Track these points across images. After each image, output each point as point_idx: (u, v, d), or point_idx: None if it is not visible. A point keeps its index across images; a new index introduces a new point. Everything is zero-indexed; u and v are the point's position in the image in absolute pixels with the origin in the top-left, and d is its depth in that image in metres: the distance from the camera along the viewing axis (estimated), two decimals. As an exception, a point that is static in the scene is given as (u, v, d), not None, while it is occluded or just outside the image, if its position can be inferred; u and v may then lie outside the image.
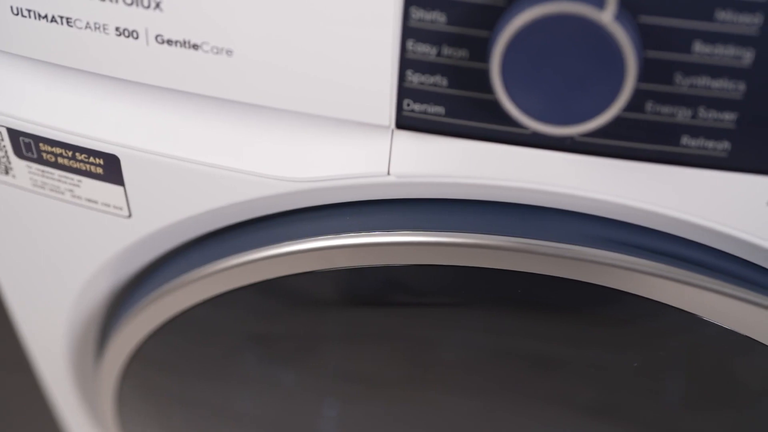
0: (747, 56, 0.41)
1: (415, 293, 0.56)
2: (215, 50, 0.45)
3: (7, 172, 0.56)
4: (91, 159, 0.52)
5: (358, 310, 0.58)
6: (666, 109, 0.43)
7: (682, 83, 0.42)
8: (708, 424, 0.61)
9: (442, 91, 0.44)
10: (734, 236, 0.46)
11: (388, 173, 0.47)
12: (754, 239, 0.46)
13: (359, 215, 0.51)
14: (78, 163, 0.53)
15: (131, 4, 0.45)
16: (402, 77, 0.44)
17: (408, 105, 0.45)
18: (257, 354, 0.63)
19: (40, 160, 0.54)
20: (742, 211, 0.46)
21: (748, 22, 0.40)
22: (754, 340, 0.50)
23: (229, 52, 0.45)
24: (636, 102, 0.42)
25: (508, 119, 0.43)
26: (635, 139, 0.44)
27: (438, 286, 0.55)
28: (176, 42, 0.45)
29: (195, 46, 0.45)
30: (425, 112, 0.45)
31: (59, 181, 0.54)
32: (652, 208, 0.46)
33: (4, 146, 0.54)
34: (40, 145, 0.53)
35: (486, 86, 0.42)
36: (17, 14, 0.47)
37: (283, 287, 0.55)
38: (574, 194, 0.46)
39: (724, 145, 0.43)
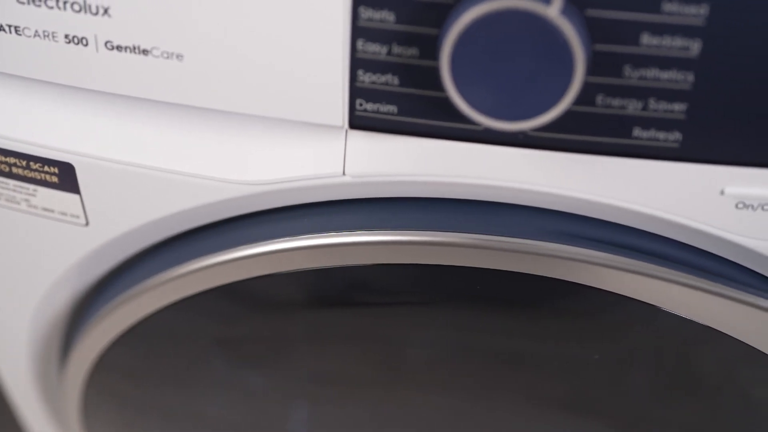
0: (694, 47, 0.41)
1: (380, 293, 0.56)
2: (165, 55, 0.45)
3: (-39, 184, 0.55)
4: (46, 168, 0.52)
5: (323, 310, 0.58)
6: (616, 102, 0.43)
7: (632, 75, 0.42)
8: (676, 414, 0.61)
9: (394, 89, 0.44)
10: (690, 226, 0.47)
11: (344, 173, 0.47)
12: (709, 229, 0.47)
13: (318, 216, 0.51)
14: (33, 173, 0.52)
15: (79, 11, 0.44)
16: (353, 77, 0.44)
17: (360, 105, 0.45)
18: (225, 358, 0.63)
19: (-6, 171, 0.54)
20: (696, 200, 0.46)
21: (694, 12, 0.40)
22: (714, 329, 0.51)
23: (179, 57, 0.45)
24: (586, 95, 0.42)
25: (460, 116, 0.43)
26: (587, 133, 0.44)
27: (402, 284, 0.55)
28: (126, 48, 0.45)
29: (145, 52, 0.45)
30: (378, 112, 0.45)
31: (14, 191, 0.54)
32: (607, 200, 0.46)
33: (-42, 158, 0.54)
34: (-6, 155, 0.53)
35: (437, 84, 0.42)
36: (-36, 24, 0.47)
37: (246, 290, 0.55)
38: (530, 189, 0.46)
39: (676, 135, 0.43)
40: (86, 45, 0.46)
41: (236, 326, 0.60)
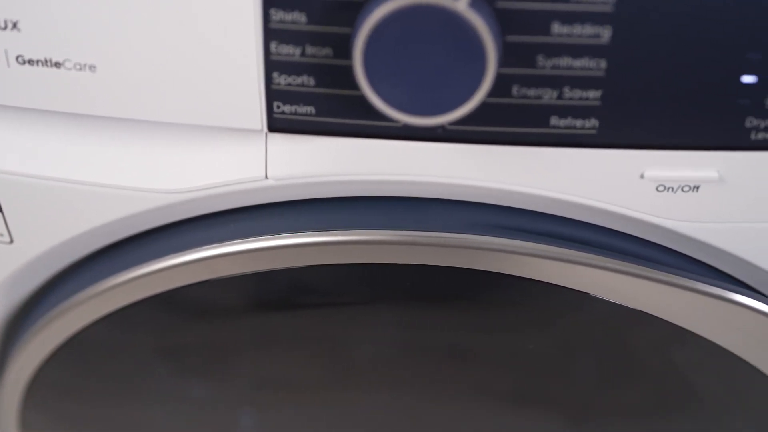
0: (605, 34, 0.41)
1: (318, 294, 0.56)
2: (78, 67, 0.44)
3: None
4: (-35, 186, 0.51)
5: (263, 315, 0.57)
6: (532, 92, 0.43)
7: (545, 65, 0.42)
8: (619, 398, 0.62)
9: (311, 90, 0.44)
10: (613, 211, 0.47)
11: (266, 177, 0.47)
12: (632, 212, 0.47)
13: (244, 221, 0.51)
14: (-48, 192, 0.52)
15: (-13, 26, 0.44)
16: (269, 80, 0.44)
17: (278, 107, 0.44)
18: (167, 369, 0.62)
19: None
20: (617, 185, 0.46)
21: None
22: (645, 313, 0.51)
23: (92, 68, 0.44)
24: (501, 87, 0.43)
25: (377, 114, 0.43)
26: (505, 124, 0.44)
27: (340, 285, 0.55)
28: (37, 61, 0.45)
29: (57, 64, 0.44)
30: (296, 113, 0.44)
31: (-65, 211, 0.53)
32: (530, 190, 0.46)
33: None
34: None
35: (353, 83, 0.42)
36: None
37: (181, 298, 0.55)
38: (453, 183, 0.46)
39: (592, 122, 0.44)
40: (-4, 60, 0.45)
41: (176, 335, 0.60)
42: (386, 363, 0.61)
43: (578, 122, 0.44)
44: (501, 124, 0.44)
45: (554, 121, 0.44)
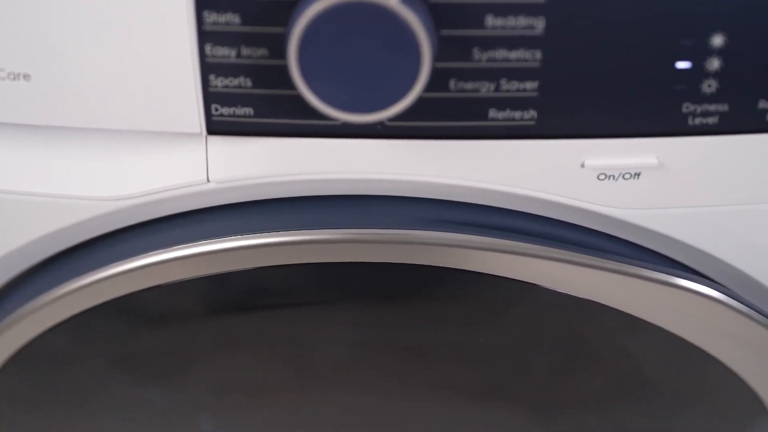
0: (539, 25, 0.41)
1: (272, 295, 0.55)
2: (12, 76, 0.44)
3: None
4: None
5: (217, 318, 0.57)
6: (469, 85, 0.43)
7: (481, 58, 0.42)
8: (578, 389, 0.62)
9: (248, 91, 0.44)
10: (556, 201, 0.47)
11: (208, 180, 0.46)
12: (575, 202, 0.47)
13: (191, 225, 0.50)
14: None
15: None
16: (206, 82, 0.43)
17: (216, 110, 0.44)
18: (125, 376, 0.62)
19: None
20: (559, 175, 0.46)
21: (534, -9, 0.40)
22: (597, 303, 0.51)
23: (26, 77, 0.44)
24: (438, 81, 0.43)
25: (316, 113, 0.43)
26: (445, 118, 0.44)
27: (292, 285, 0.55)
28: (-30, 72, 0.44)
29: (-9, 74, 0.44)
30: (234, 115, 0.44)
31: None
32: (472, 183, 0.46)
33: None
34: None
35: (289, 82, 0.42)
36: None
37: (135, 305, 0.54)
38: (395, 179, 0.46)
39: (531, 113, 0.44)
40: (-71, 72, 0.45)
41: (131, 342, 0.59)
42: (344, 363, 0.61)
43: (517, 114, 0.44)
44: (440, 119, 0.44)
45: (493, 113, 0.44)
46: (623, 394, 0.63)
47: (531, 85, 0.43)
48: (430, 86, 0.42)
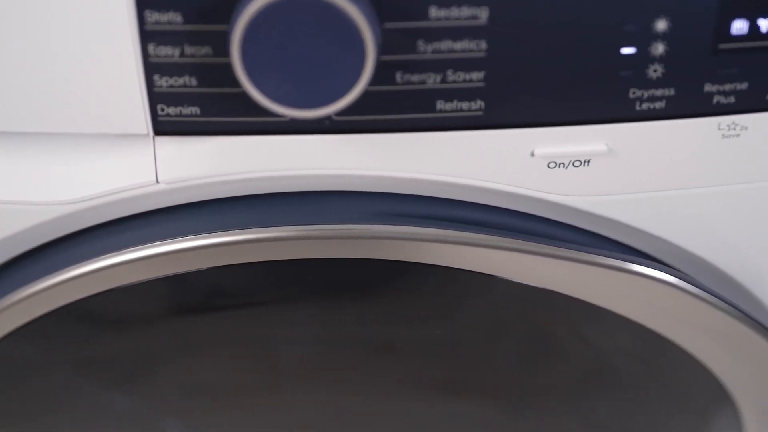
0: (482, 15, 0.41)
1: (233, 295, 0.55)
2: (-48, 82, 0.43)
3: None
4: None
5: (181, 320, 0.57)
6: (416, 77, 0.43)
7: (426, 50, 0.42)
8: (543, 381, 0.62)
9: (194, 91, 0.43)
10: (507, 191, 0.47)
11: (157, 181, 0.46)
12: (526, 191, 0.47)
13: (141, 227, 0.50)
14: None
15: None
16: (150, 83, 0.43)
17: (162, 110, 0.44)
18: (89, 382, 0.61)
19: None
20: (509, 165, 0.46)
21: (477, -20, 0.40)
22: (556, 292, 0.51)
23: (-32, 82, 0.43)
24: (384, 74, 0.42)
25: (263, 110, 0.43)
26: (392, 111, 0.44)
27: (247, 285, 0.54)
28: None
29: (-69, 81, 0.43)
30: (181, 115, 0.44)
31: None
32: (423, 176, 0.46)
33: None
34: None
35: (234, 80, 0.42)
36: None
37: (91, 309, 0.54)
38: (345, 174, 0.46)
39: (478, 104, 0.44)
40: None
41: (92, 347, 0.59)
42: (309, 362, 0.60)
43: (464, 104, 0.44)
44: (388, 112, 0.44)
45: (440, 105, 0.44)
46: (587, 383, 0.63)
47: (477, 75, 0.43)
48: (376, 79, 0.42)
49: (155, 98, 0.44)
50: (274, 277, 0.53)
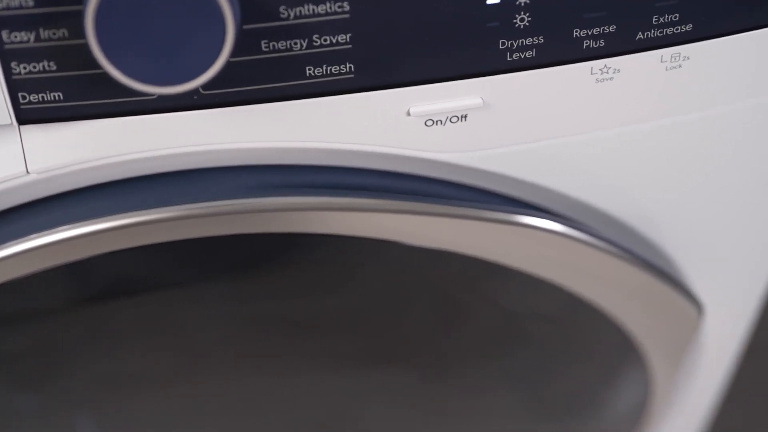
0: (342, -25, 0.41)
1: (130, 282, 0.54)
2: None
3: None
4: None
5: (83, 311, 0.56)
6: (282, 45, 0.42)
7: (289, 15, 0.41)
8: (456, 344, 0.62)
9: (54, 75, 0.42)
10: (386, 153, 0.47)
11: (27, 172, 0.45)
12: (406, 151, 0.47)
13: (19, 220, 0.49)
14: None
15: None
16: (8, 70, 0.42)
17: (24, 98, 0.43)
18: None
19: None
20: (386, 126, 0.46)
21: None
22: (452, 252, 0.51)
23: None
24: (249, 43, 0.42)
25: (127, 89, 0.42)
26: (262, 81, 0.43)
27: (144, 270, 0.53)
28: None
29: None
30: (44, 101, 0.43)
31: None
32: (299, 144, 0.46)
33: None
34: None
35: (94, 61, 0.41)
36: None
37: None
38: (220, 149, 0.45)
39: (348, 66, 0.43)
40: None
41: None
42: (220, 344, 0.60)
43: (333, 68, 0.43)
44: (258, 82, 0.43)
45: (310, 70, 0.43)
46: (500, 343, 0.63)
47: (343, 37, 0.42)
48: (240, 49, 0.41)
49: (15, 86, 0.42)
50: (170, 260, 0.52)
